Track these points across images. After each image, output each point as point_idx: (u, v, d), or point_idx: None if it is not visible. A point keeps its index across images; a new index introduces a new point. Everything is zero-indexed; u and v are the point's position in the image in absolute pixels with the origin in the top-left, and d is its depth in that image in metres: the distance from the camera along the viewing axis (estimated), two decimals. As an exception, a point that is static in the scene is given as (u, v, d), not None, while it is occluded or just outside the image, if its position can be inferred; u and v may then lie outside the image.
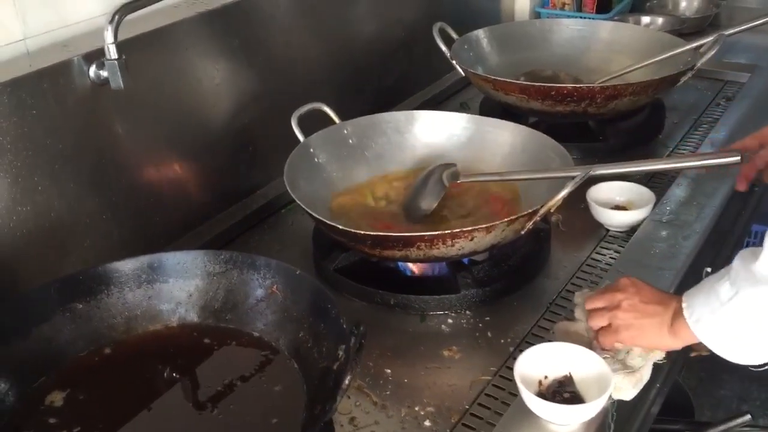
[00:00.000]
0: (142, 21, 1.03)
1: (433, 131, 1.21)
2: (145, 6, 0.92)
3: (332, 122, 1.16)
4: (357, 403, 0.83)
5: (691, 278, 1.04)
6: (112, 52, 0.90)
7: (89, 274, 0.88)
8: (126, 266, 0.89)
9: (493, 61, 1.50)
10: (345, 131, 1.18)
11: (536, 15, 1.90)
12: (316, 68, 1.33)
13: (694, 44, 1.34)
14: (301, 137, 1.12)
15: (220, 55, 1.13)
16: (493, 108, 1.40)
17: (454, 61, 1.40)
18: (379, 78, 1.49)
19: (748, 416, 1.66)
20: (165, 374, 0.85)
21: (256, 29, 1.19)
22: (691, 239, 1.04)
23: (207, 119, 1.14)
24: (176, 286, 0.90)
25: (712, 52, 1.28)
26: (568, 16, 1.80)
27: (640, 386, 0.80)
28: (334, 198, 1.12)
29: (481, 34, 1.51)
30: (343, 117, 1.17)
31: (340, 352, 0.76)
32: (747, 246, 2.38)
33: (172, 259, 0.91)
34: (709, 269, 1.15)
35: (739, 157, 0.94)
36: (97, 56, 0.94)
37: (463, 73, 1.39)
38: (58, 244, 0.96)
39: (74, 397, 0.81)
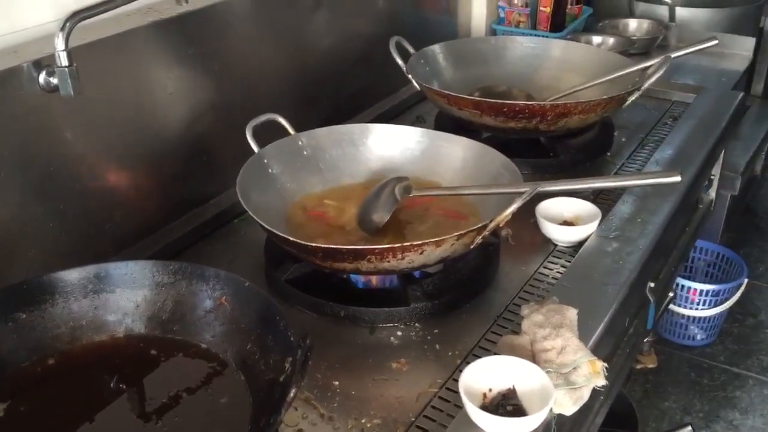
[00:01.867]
0: (94, 28, 1.02)
1: (388, 144, 1.22)
2: (97, 14, 0.92)
3: (287, 133, 1.17)
4: (304, 415, 0.84)
5: (635, 293, 1.07)
6: (62, 60, 0.89)
7: (33, 284, 0.87)
8: (72, 276, 0.88)
9: (449, 76, 1.52)
10: (300, 143, 1.18)
11: (492, 31, 1.94)
12: (273, 79, 1.33)
13: (642, 65, 1.38)
14: (255, 148, 1.12)
15: (175, 65, 1.13)
16: (448, 122, 1.42)
17: (410, 75, 1.41)
18: (335, 90, 1.50)
19: (689, 428, 1.72)
20: (110, 386, 0.84)
21: (212, 39, 1.18)
22: (635, 255, 1.07)
23: (160, 128, 1.14)
24: (123, 296, 0.89)
25: (659, 73, 1.32)
26: (523, 34, 1.84)
27: (581, 404, 0.82)
28: (287, 209, 1.12)
29: (437, 49, 1.53)
30: (299, 128, 1.18)
31: (287, 365, 0.76)
32: (692, 261, 2.42)
33: (120, 269, 0.90)
34: (652, 284, 1.19)
35: (679, 177, 0.97)
36: (47, 63, 0.93)
37: (418, 87, 1.41)
38: (3, 252, 0.94)
39: (15, 408, 0.80)
